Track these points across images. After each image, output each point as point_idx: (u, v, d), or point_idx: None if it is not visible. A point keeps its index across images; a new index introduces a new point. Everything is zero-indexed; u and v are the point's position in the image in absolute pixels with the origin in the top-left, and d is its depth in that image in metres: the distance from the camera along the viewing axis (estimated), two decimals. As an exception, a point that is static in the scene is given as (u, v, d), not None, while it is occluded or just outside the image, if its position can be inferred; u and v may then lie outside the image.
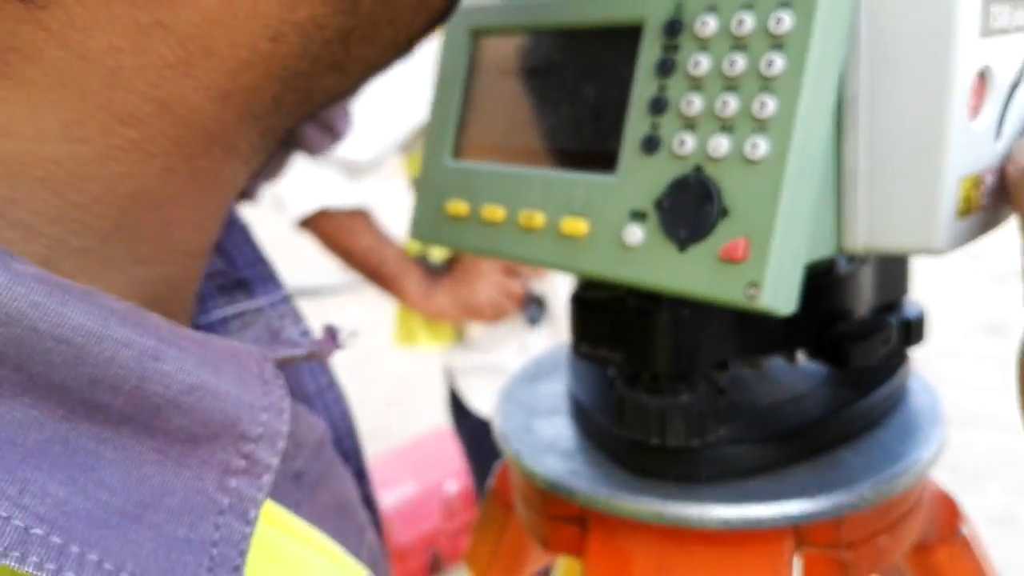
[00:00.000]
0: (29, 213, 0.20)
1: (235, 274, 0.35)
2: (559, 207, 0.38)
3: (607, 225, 0.36)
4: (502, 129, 0.42)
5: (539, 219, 0.38)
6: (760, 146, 0.31)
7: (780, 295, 0.31)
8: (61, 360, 0.17)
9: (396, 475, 2.19)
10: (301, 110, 0.28)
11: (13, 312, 0.17)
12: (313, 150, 0.75)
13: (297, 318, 0.36)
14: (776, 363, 0.45)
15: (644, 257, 0.35)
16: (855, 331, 0.41)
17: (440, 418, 2.84)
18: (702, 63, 0.33)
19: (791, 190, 0.31)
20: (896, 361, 0.45)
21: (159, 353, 0.19)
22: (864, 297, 0.42)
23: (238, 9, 0.22)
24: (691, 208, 0.33)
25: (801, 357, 0.44)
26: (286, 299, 0.37)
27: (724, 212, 0.32)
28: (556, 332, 1.25)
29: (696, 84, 0.34)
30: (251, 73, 0.24)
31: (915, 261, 0.44)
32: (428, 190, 0.43)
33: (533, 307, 1.20)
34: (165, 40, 0.21)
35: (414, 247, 1.21)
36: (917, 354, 0.46)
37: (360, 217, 1.14)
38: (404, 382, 3.18)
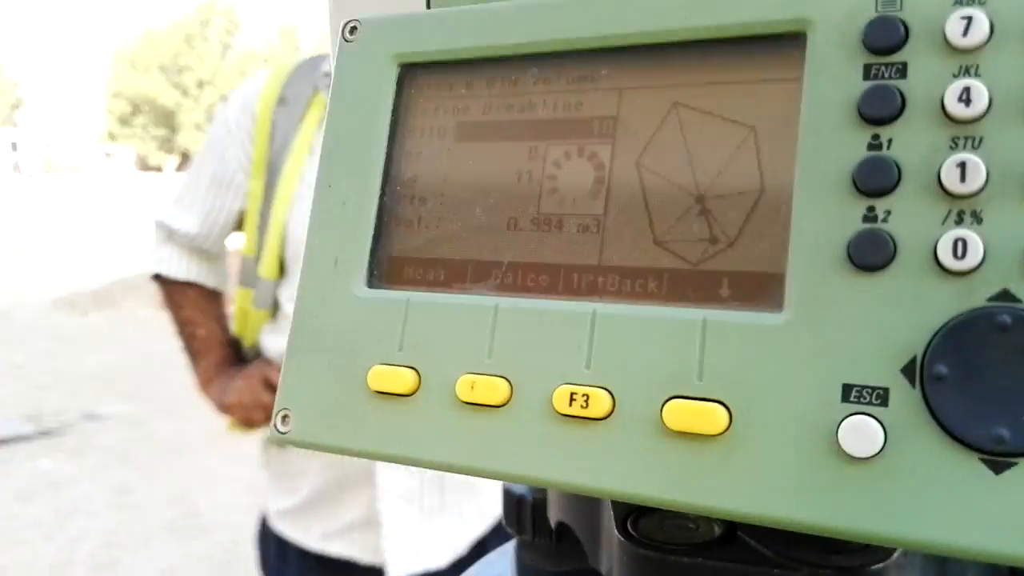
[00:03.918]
0: None
1: None
2: (646, 376, 0.19)
3: (776, 413, 0.18)
4: (475, 231, 0.22)
5: (601, 401, 0.19)
6: None
7: None
8: None
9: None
10: None
11: None
12: None
13: None
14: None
15: (892, 482, 0.17)
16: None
17: (161, 582, 2.36)
18: (978, 94, 0.17)
19: None
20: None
21: None
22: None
23: None
24: (1010, 377, 0.16)
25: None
26: None
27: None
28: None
29: (968, 134, 0.17)
30: None
31: None
32: (315, 347, 0.22)
33: None
34: None
35: (240, 327, 1.08)
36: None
37: (190, 289, 1.08)
38: (114, 540, 2.64)
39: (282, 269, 0.97)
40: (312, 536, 0.97)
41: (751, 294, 0.19)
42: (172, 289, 1.08)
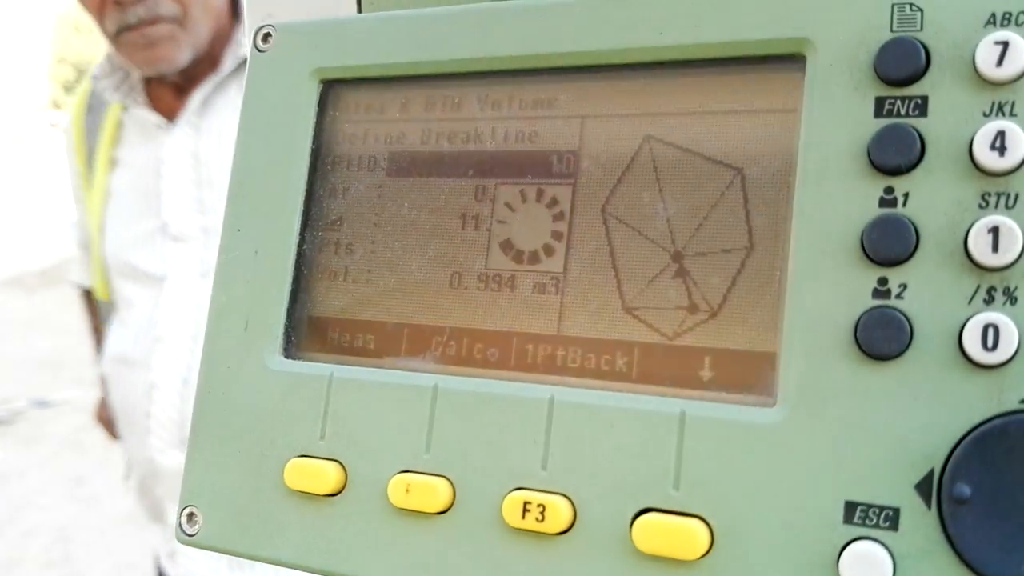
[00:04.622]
0: None
1: None
2: (614, 483, 0.16)
3: (765, 535, 0.15)
4: (411, 289, 0.19)
5: (560, 513, 0.16)
6: None
7: None
8: None
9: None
10: None
11: None
12: None
13: None
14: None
15: None
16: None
17: (116, 576, 2.31)
18: (1015, 139, 0.14)
19: None
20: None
21: None
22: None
23: None
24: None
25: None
26: None
27: None
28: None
29: (1001, 190, 0.14)
30: None
31: None
32: (222, 432, 0.19)
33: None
34: None
35: None
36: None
37: (85, 295, 1.09)
38: (67, 535, 2.57)
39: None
40: (162, 552, 0.93)
41: (738, 377, 0.16)
42: (85, 295, 1.09)
